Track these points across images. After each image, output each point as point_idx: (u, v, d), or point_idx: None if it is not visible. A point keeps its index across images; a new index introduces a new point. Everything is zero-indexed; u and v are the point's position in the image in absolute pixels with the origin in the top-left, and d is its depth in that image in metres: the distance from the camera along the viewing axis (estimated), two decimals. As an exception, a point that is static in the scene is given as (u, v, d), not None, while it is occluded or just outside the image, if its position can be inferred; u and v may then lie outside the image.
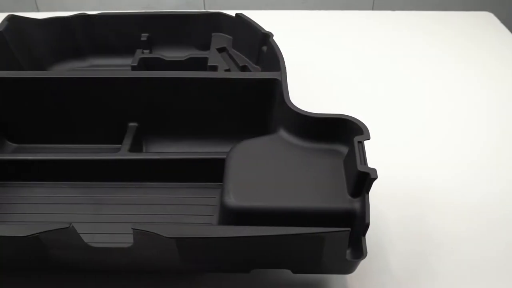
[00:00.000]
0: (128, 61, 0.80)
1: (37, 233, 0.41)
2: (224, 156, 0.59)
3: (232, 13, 0.76)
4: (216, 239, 0.41)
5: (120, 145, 0.64)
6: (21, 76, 0.63)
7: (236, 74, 0.65)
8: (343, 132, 0.54)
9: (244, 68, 0.72)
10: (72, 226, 0.41)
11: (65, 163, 0.61)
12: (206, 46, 0.79)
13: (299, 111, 0.55)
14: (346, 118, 0.53)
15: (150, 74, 0.62)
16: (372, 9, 1.43)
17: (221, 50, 0.76)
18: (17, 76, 0.63)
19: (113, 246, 0.44)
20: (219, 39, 0.77)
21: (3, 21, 0.71)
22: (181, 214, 0.58)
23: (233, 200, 0.49)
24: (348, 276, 0.51)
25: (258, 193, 0.50)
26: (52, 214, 0.58)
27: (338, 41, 0.97)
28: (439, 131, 0.72)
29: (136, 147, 0.63)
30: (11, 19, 0.72)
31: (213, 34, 0.79)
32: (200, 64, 0.74)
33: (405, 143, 0.70)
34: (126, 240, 0.49)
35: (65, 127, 0.66)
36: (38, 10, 1.34)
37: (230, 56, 0.75)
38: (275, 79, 0.60)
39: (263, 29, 0.69)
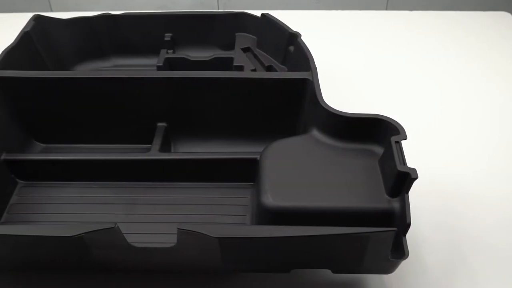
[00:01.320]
0: (151, 61, 0.80)
1: (83, 233, 0.41)
2: (254, 156, 0.59)
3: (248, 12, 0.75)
4: (262, 239, 0.41)
5: (148, 145, 0.64)
6: (50, 76, 0.63)
7: (266, 74, 0.65)
8: (377, 132, 0.54)
9: (269, 68, 0.72)
10: (117, 226, 0.42)
11: (96, 163, 0.61)
12: (229, 46, 0.79)
13: (333, 111, 0.55)
14: (382, 118, 0.53)
15: (179, 74, 0.62)
16: (386, 9, 1.43)
17: (245, 50, 0.76)
18: (45, 76, 0.63)
19: (155, 246, 0.44)
20: (243, 39, 0.77)
21: (29, 21, 0.71)
22: (213, 214, 0.58)
23: (271, 200, 0.49)
24: (385, 276, 0.51)
25: (296, 193, 0.50)
26: (83, 214, 0.58)
27: (353, 41, 0.97)
28: (468, 129, 0.72)
29: (165, 147, 0.63)
30: (37, 19, 0.72)
31: (236, 34, 0.78)
32: (225, 64, 0.74)
33: (434, 142, 0.70)
34: (161, 240, 0.49)
35: (93, 127, 0.66)
36: (51, 10, 1.34)
37: (255, 56, 0.75)
38: (306, 79, 0.60)
39: (290, 28, 0.69)
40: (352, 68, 0.88)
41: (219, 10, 0.82)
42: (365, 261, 0.45)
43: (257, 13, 0.75)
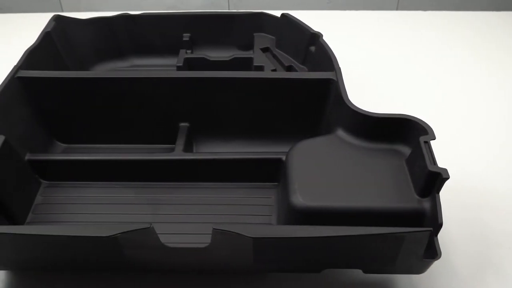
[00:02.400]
0: (168, 61, 0.80)
1: (119, 233, 0.41)
2: (278, 156, 0.59)
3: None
4: (298, 239, 0.41)
5: (170, 145, 0.64)
6: (73, 76, 0.63)
7: (291, 74, 0.65)
8: (404, 132, 0.54)
9: (289, 68, 0.72)
10: (153, 227, 0.41)
11: (119, 163, 0.61)
12: (247, 46, 0.79)
13: (360, 111, 0.55)
14: (410, 118, 0.53)
15: (203, 74, 0.62)
16: (397, 9, 1.43)
17: (264, 50, 0.76)
18: (69, 76, 0.63)
19: (186, 246, 0.44)
20: (262, 39, 0.77)
21: (49, 22, 0.71)
22: (238, 214, 0.58)
23: (301, 200, 0.49)
24: (413, 276, 0.51)
25: (325, 193, 0.50)
26: (107, 214, 0.58)
27: (364, 41, 0.97)
28: (489, 127, 0.73)
29: (187, 147, 0.63)
30: (57, 19, 0.72)
31: (255, 34, 0.78)
32: (244, 64, 0.74)
33: (456, 140, 0.70)
34: (188, 240, 0.49)
35: (115, 127, 0.66)
36: (62, 10, 1.34)
37: (274, 56, 0.75)
38: (330, 79, 0.60)
39: (311, 29, 0.69)
40: (365, 68, 0.88)
41: (232, 10, 0.82)
42: (398, 261, 0.45)
43: (270, 13, 0.75)
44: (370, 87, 0.82)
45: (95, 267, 0.50)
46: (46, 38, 0.68)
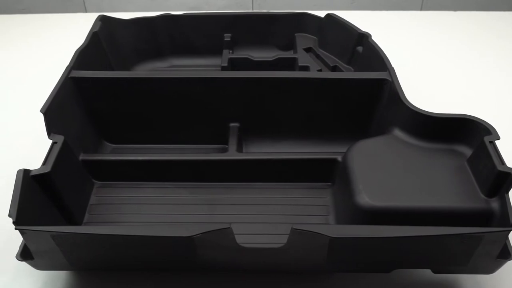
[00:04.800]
0: (207, 61, 0.80)
1: (200, 234, 0.41)
2: (333, 157, 0.59)
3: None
4: (378, 239, 0.41)
5: (219, 146, 0.64)
6: (125, 77, 0.63)
7: (345, 75, 0.65)
8: (464, 132, 0.54)
9: (334, 69, 0.72)
10: (231, 227, 0.41)
11: (172, 163, 0.60)
12: (287, 47, 0.80)
13: (420, 111, 0.55)
14: (472, 118, 0.53)
15: (256, 74, 0.62)
16: (421, 9, 1.43)
17: (307, 50, 0.76)
18: (121, 77, 0.63)
19: (259, 247, 0.44)
20: (304, 39, 0.77)
21: (96, 22, 0.71)
22: (295, 214, 0.58)
23: (367, 200, 0.49)
24: (479, 276, 0.51)
25: (390, 193, 0.50)
26: (163, 214, 0.58)
27: (390, 41, 0.96)
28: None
29: (239, 147, 0.63)
30: (102, 19, 0.72)
31: (296, 34, 0.78)
32: (288, 64, 0.74)
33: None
34: (250, 240, 0.48)
35: (163, 128, 0.66)
36: (86, 10, 1.34)
37: (318, 57, 0.75)
38: (385, 79, 0.60)
39: (359, 29, 0.69)
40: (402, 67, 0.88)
41: (272, 10, 0.82)
42: (471, 261, 0.45)
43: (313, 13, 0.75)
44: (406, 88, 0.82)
45: (164, 266, 0.50)
46: (94, 38, 0.68)
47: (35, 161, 0.53)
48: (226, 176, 0.60)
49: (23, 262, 0.46)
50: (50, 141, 0.53)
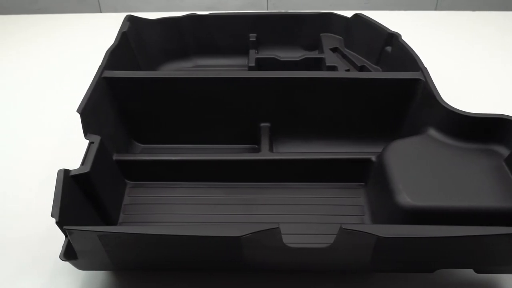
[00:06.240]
0: (232, 61, 0.80)
1: (250, 234, 0.41)
2: (367, 156, 0.59)
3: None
4: (429, 239, 0.41)
5: (249, 145, 0.64)
6: (157, 76, 0.63)
7: (377, 74, 0.65)
8: (501, 132, 0.54)
9: (362, 69, 0.72)
10: (279, 227, 0.41)
11: (205, 163, 0.60)
12: (313, 46, 0.80)
13: (457, 111, 0.55)
14: (510, 118, 0.53)
15: (287, 74, 0.62)
16: (435, 9, 1.43)
17: (333, 50, 0.76)
18: (153, 76, 0.63)
19: (311, 247, 0.44)
20: (329, 39, 0.77)
21: (124, 22, 0.71)
22: (330, 214, 0.58)
23: (408, 200, 0.49)
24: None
25: (431, 192, 0.50)
26: (197, 214, 0.58)
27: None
28: None
29: (270, 147, 0.63)
30: (130, 19, 0.72)
31: (321, 34, 0.78)
32: (315, 64, 0.74)
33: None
34: (290, 240, 0.48)
35: (193, 127, 0.66)
36: (100, 11, 1.34)
37: (345, 57, 0.75)
38: (418, 79, 0.60)
39: (388, 29, 0.69)
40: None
41: (298, 10, 0.82)
42: (516, 260, 0.45)
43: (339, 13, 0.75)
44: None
45: (203, 267, 0.50)
46: (123, 38, 0.68)
47: (61, 161, 0.54)
48: (259, 176, 0.60)
49: (61, 262, 0.46)
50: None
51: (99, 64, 0.61)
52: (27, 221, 0.58)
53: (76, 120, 0.53)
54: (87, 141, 0.53)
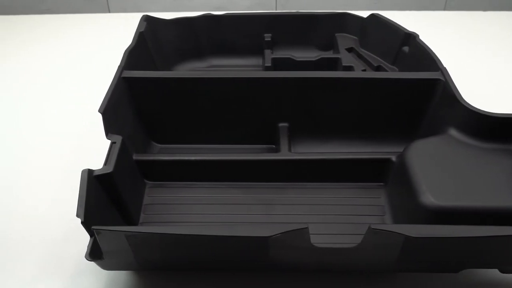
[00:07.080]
0: (247, 61, 0.80)
1: (279, 234, 0.41)
2: (387, 156, 0.59)
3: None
4: (452, 239, 0.41)
5: (268, 145, 0.64)
6: (178, 77, 0.63)
7: (396, 74, 0.65)
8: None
9: (378, 68, 0.72)
10: (308, 228, 0.41)
11: (225, 163, 0.60)
12: (327, 46, 0.79)
13: (479, 111, 0.55)
14: (532, 118, 0.53)
15: (305, 74, 0.62)
16: (444, 9, 1.43)
17: (348, 50, 0.76)
18: (173, 77, 0.63)
19: (338, 247, 0.44)
20: (344, 39, 0.77)
21: (141, 22, 0.71)
22: (350, 214, 0.58)
23: (432, 200, 0.49)
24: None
25: (455, 193, 0.50)
26: (217, 214, 0.58)
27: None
28: None
29: (289, 147, 0.63)
30: (147, 19, 0.72)
31: (336, 34, 0.78)
32: (331, 64, 0.74)
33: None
34: (315, 240, 0.48)
35: (211, 128, 0.66)
36: (109, 11, 1.33)
37: (360, 56, 0.75)
38: (438, 79, 0.60)
39: (405, 29, 0.69)
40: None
41: (312, 11, 0.82)
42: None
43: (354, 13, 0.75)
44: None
45: (229, 266, 0.50)
46: (140, 38, 0.68)
47: (79, 161, 0.54)
48: (278, 176, 0.60)
49: (83, 263, 0.45)
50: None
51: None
52: (47, 222, 0.58)
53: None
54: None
